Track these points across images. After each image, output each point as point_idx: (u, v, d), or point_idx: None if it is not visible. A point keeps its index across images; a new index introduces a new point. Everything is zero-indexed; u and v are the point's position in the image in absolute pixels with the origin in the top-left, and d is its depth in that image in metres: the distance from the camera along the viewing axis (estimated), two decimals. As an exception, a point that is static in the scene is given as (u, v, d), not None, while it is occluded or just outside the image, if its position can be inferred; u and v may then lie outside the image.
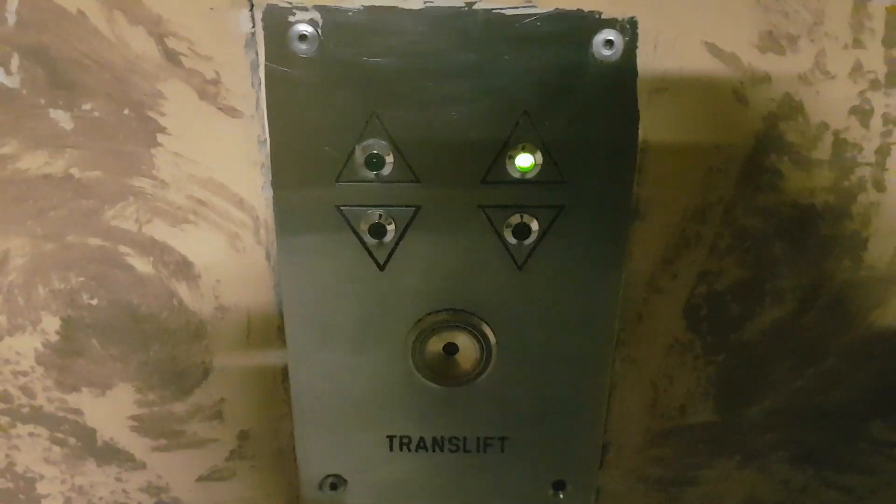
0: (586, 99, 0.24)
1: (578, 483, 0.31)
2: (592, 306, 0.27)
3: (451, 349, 0.28)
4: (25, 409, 0.30)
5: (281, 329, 0.28)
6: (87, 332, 0.29)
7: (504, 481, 0.31)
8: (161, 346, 0.29)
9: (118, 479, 0.32)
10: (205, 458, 0.31)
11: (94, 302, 0.28)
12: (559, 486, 0.31)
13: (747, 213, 0.26)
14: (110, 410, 0.30)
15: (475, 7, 0.23)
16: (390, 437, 0.30)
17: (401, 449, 0.30)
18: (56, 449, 0.32)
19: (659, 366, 0.29)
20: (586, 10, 0.22)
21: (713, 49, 0.23)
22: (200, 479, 0.32)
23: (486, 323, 0.27)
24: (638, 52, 0.23)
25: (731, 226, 0.26)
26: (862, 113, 0.25)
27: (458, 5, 0.23)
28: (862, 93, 0.25)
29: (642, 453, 0.31)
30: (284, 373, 0.29)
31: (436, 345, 0.28)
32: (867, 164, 0.26)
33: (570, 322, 0.27)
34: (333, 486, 0.31)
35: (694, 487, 0.32)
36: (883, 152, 0.26)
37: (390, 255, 0.26)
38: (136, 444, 0.31)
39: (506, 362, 0.28)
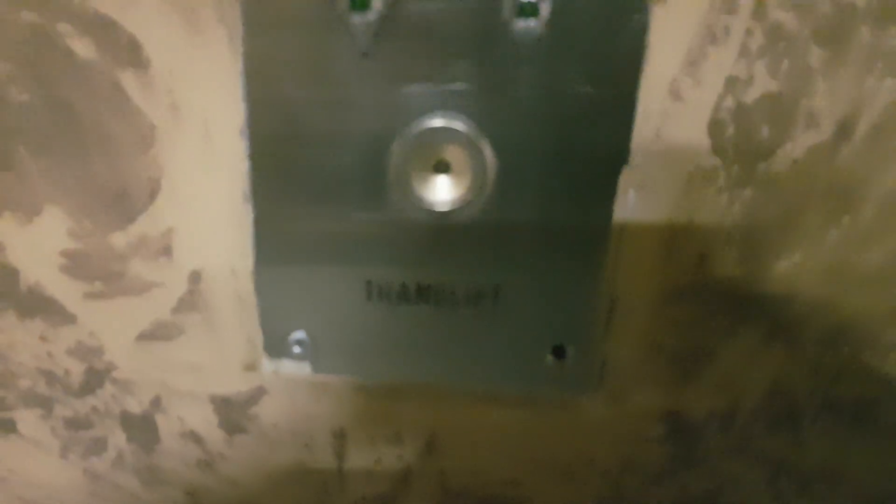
0: None
1: (581, 349, 0.27)
2: (604, 119, 0.24)
3: (442, 168, 0.24)
4: (-63, 248, 0.26)
5: (244, 133, 0.24)
6: (15, 138, 0.25)
7: (496, 343, 0.27)
8: (101, 158, 0.25)
9: (43, 339, 0.27)
10: (147, 309, 0.27)
11: (26, 98, 0.24)
12: (559, 352, 0.27)
13: (782, 5, 0.23)
14: (38, 243, 0.26)
15: None
16: (368, 284, 0.26)
17: (380, 298, 0.26)
18: (-28, 301, 0.27)
19: (677, 198, 0.25)
20: None
21: None
22: (141, 337, 0.27)
23: (485, 136, 0.24)
24: None
25: (763, 21, 0.23)
26: None
27: None
28: None
29: (655, 314, 0.27)
30: (246, 193, 0.25)
31: (425, 160, 0.24)
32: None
33: (578, 140, 0.24)
34: (300, 344, 0.27)
35: (712, 363, 0.28)
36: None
37: (375, 34, 0.22)
38: (66, 290, 0.27)
39: (504, 190, 0.24)
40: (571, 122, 0.24)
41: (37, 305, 0.27)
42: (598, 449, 0.29)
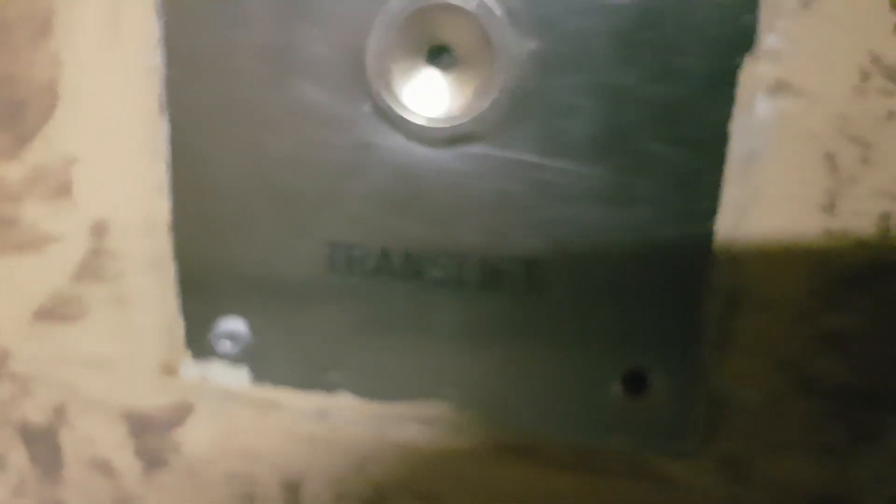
0: None
1: (672, 376, 0.16)
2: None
3: (440, 59, 0.16)
4: None
5: (158, 8, 0.17)
6: None
7: (528, 355, 0.17)
8: (-7, 56, 0.18)
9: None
10: (44, 275, 0.19)
11: None
12: (635, 380, 0.16)
13: None
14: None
15: None
16: (332, 247, 0.17)
17: (348, 268, 0.17)
18: None
19: (842, 113, 0.14)
20: None
21: None
22: (39, 315, 0.20)
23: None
24: None
25: None
26: None
27: None
28: None
29: (802, 320, 0.16)
30: (162, 100, 0.17)
31: (413, 43, 0.16)
32: None
33: (668, 8, 0.14)
34: (232, 338, 0.18)
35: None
36: None
37: None
38: (-47, 245, 0.20)
39: (542, 95, 0.15)
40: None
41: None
42: (701, 553, 0.17)
